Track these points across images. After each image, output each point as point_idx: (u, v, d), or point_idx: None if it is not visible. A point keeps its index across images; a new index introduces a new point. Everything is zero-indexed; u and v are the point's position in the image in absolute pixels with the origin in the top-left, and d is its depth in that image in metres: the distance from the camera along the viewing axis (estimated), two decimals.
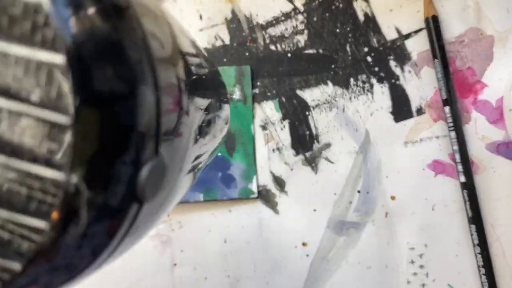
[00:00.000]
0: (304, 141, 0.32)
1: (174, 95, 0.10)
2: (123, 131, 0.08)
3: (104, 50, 0.08)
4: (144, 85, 0.09)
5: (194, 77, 0.12)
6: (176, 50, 0.11)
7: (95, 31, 0.08)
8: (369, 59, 0.32)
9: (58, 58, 0.07)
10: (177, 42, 0.11)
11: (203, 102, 0.12)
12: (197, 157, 0.13)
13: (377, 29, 0.32)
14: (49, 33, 0.07)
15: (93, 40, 0.08)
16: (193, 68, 0.12)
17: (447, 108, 0.30)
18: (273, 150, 0.32)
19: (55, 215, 0.08)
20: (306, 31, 0.32)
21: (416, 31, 0.32)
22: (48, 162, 0.08)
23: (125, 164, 0.08)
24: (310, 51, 0.32)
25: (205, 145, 0.14)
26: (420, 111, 0.31)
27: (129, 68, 0.08)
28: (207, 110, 0.13)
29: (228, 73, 0.32)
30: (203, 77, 0.12)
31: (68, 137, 0.07)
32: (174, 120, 0.10)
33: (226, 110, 0.15)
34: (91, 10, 0.08)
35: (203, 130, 0.13)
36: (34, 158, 0.08)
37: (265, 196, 0.31)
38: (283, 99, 0.32)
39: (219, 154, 0.31)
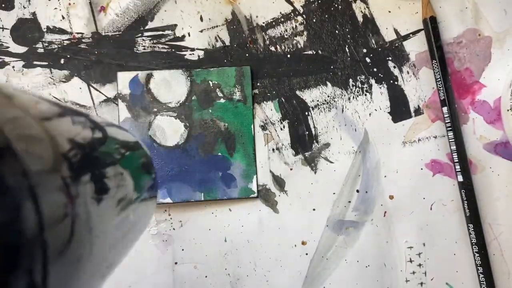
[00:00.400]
0: (303, 141, 0.32)
1: (64, 193, 0.11)
2: (12, 250, 0.09)
3: None
4: (25, 204, 0.09)
5: (76, 166, 0.12)
6: (58, 156, 0.12)
7: None
8: (367, 60, 0.32)
9: None
10: (57, 149, 0.12)
11: (86, 177, 0.13)
12: (119, 201, 0.14)
13: (375, 30, 0.32)
14: None
15: None
16: (74, 160, 0.13)
17: (445, 109, 0.30)
18: (273, 150, 0.32)
19: None
20: (305, 32, 0.32)
21: (415, 32, 0.32)
22: None
23: (20, 277, 0.09)
24: (310, 52, 0.32)
25: (115, 194, 0.15)
26: (418, 112, 0.32)
27: (9, 196, 0.09)
28: (92, 179, 0.14)
29: (228, 73, 0.32)
30: (83, 161, 0.13)
31: None
32: (61, 212, 0.11)
33: (112, 170, 0.16)
34: None
35: (100, 191, 0.14)
36: None
37: (265, 196, 0.32)
38: (283, 99, 0.32)
39: (219, 154, 0.31)
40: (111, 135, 0.17)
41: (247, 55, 0.32)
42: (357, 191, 0.31)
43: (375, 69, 0.32)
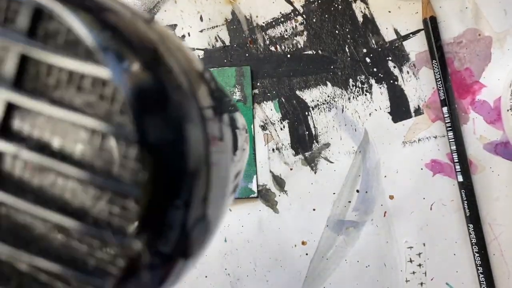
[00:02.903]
0: (303, 141, 0.32)
1: (215, 125, 0.10)
2: (175, 175, 0.08)
3: (152, 101, 0.08)
4: (191, 124, 0.09)
5: (216, 95, 0.11)
6: (198, 75, 0.11)
7: (142, 85, 0.08)
8: (368, 60, 0.32)
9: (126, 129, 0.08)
10: (193, 67, 0.11)
11: (226, 118, 0.12)
12: (236, 175, 0.13)
13: (375, 30, 0.32)
14: (117, 103, 0.08)
15: (141, 94, 0.08)
16: (212, 85, 0.11)
17: (445, 109, 0.30)
18: (273, 150, 0.32)
19: (115, 272, 0.08)
20: (305, 32, 0.32)
21: (415, 32, 0.32)
22: (110, 225, 0.08)
23: (178, 208, 0.08)
24: (310, 52, 0.32)
25: (239, 161, 0.13)
26: (418, 112, 0.32)
27: (175, 111, 0.08)
28: (231, 124, 0.12)
29: (228, 73, 0.32)
30: (217, 91, 0.12)
31: (133, 205, 0.08)
32: (219, 149, 0.10)
33: (241, 118, 0.15)
34: (135, 67, 0.08)
35: (234, 146, 0.13)
36: (95, 222, 0.08)
37: (265, 196, 0.32)
38: (283, 99, 0.32)
39: None
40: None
41: (247, 55, 0.32)
42: (357, 191, 0.31)
43: (375, 69, 0.32)
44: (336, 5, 0.32)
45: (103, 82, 0.08)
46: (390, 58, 0.32)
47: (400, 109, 0.32)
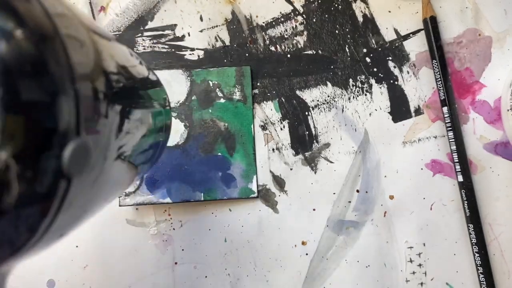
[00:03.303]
0: (303, 141, 0.32)
1: (91, 103, 0.12)
2: (46, 132, 0.10)
3: (29, 68, 0.10)
4: (63, 95, 0.11)
5: (114, 90, 0.14)
6: (98, 69, 0.13)
7: (21, 52, 0.10)
8: (368, 59, 0.32)
9: None
10: (100, 64, 0.13)
11: (118, 108, 0.15)
12: (120, 147, 0.16)
13: (376, 30, 0.32)
14: None
15: (19, 59, 0.09)
16: (114, 84, 0.14)
17: (445, 109, 0.30)
18: (273, 150, 0.32)
19: None
20: (305, 32, 0.32)
21: (415, 32, 0.32)
22: None
23: (49, 157, 0.10)
24: (310, 52, 0.32)
25: (123, 138, 0.16)
26: (418, 111, 0.32)
27: (50, 82, 0.10)
28: (120, 113, 0.15)
29: (228, 73, 0.32)
30: (122, 91, 0.15)
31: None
32: (92, 122, 0.12)
33: (141, 114, 0.18)
34: (18, 34, 0.10)
35: (119, 128, 0.15)
36: None
37: (265, 196, 0.32)
38: (283, 99, 0.32)
39: (219, 154, 0.31)
40: (163, 86, 0.19)
41: (247, 55, 0.32)
42: (357, 191, 0.31)
43: (375, 69, 0.32)
44: (336, 5, 0.32)
45: None
46: (390, 58, 0.32)
47: (400, 109, 0.32)
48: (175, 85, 0.32)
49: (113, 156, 0.15)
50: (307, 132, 0.32)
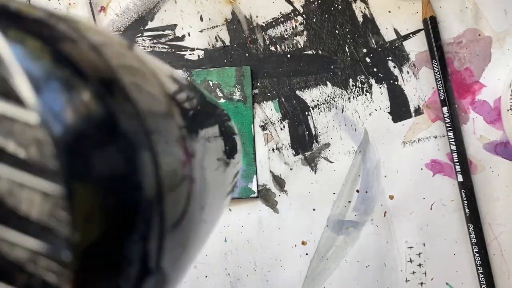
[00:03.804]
0: (303, 141, 0.32)
1: (181, 146, 0.09)
2: (128, 209, 0.08)
3: (100, 133, 0.07)
4: (143, 153, 0.08)
5: (191, 114, 0.11)
6: (169, 98, 0.10)
7: (90, 117, 0.07)
8: (368, 60, 0.32)
9: (54, 186, 0.07)
10: (165, 89, 0.10)
11: (212, 131, 0.11)
12: (235, 175, 0.13)
13: (375, 30, 0.32)
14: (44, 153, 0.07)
15: (88, 127, 0.07)
16: (186, 105, 0.11)
17: (445, 109, 0.30)
18: (273, 150, 0.32)
19: None
20: (305, 32, 0.32)
21: (415, 32, 0.32)
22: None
23: (135, 242, 0.08)
24: (310, 52, 0.32)
25: (238, 163, 0.13)
26: (418, 111, 0.32)
27: (126, 143, 0.08)
28: (222, 134, 0.12)
29: (228, 73, 0.32)
30: (198, 108, 0.12)
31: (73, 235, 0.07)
32: (180, 173, 0.09)
33: (233, 126, 0.15)
34: (85, 96, 0.07)
35: (230, 152, 0.12)
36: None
37: (265, 196, 0.32)
38: (283, 99, 0.32)
39: None
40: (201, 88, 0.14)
41: (247, 55, 0.32)
42: (357, 191, 0.31)
43: (375, 69, 0.32)
44: (336, 5, 0.32)
45: (31, 127, 0.07)
46: (390, 58, 0.32)
47: (400, 109, 0.32)
48: None
49: (226, 191, 0.12)
50: (307, 132, 0.32)
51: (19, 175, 0.07)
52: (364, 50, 0.32)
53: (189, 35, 0.32)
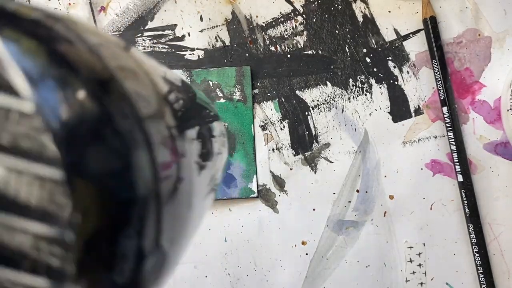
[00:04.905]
0: (303, 141, 0.32)
1: (170, 147, 0.10)
2: (123, 205, 0.08)
3: (95, 131, 0.08)
4: (138, 151, 0.08)
5: (180, 115, 0.11)
6: (161, 98, 0.10)
7: (85, 115, 0.08)
8: (368, 59, 0.32)
9: (53, 172, 0.07)
10: (158, 90, 0.10)
11: (192, 133, 0.12)
12: (211, 178, 0.13)
13: (375, 30, 0.32)
14: (43, 139, 0.07)
15: (83, 124, 0.08)
16: (176, 106, 0.11)
17: (445, 109, 0.30)
18: (273, 150, 0.32)
19: None
20: (305, 32, 0.32)
21: (415, 32, 0.32)
22: (49, 269, 0.08)
23: (129, 237, 0.08)
24: (310, 52, 0.32)
25: (214, 165, 0.13)
26: (418, 111, 0.32)
27: (121, 140, 0.08)
28: (199, 136, 0.12)
29: (228, 73, 0.32)
30: (186, 109, 0.12)
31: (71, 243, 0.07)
32: (174, 173, 0.10)
33: (218, 125, 0.15)
34: (81, 94, 0.08)
35: (206, 155, 0.12)
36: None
37: (265, 196, 0.32)
38: (283, 99, 0.32)
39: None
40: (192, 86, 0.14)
41: (247, 55, 0.32)
42: (357, 191, 0.31)
43: (375, 69, 0.32)
44: (336, 5, 0.32)
45: (27, 116, 0.07)
46: (390, 58, 0.32)
47: (400, 109, 0.32)
48: None
49: (204, 192, 0.12)
50: (307, 132, 0.32)
51: (16, 162, 0.07)
52: (364, 50, 0.32)
53: (189, 35, 0.33)
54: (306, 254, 0.31)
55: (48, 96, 0.07)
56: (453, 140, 0.30)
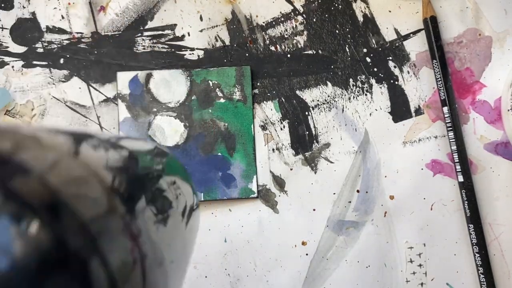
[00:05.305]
0: (303, 141, 0.32)
1: (127, 235, 0.10)
2: None
3: (50, 261, 0.08)
4: (92, 262, 0.08)
5: (126, 197, 0.11)
6: (108, 192, 0.10)
7: (39, 246, 0.07)
8: (368, 59, 0.32)
9: None
10: (105, 184, 0.10)
11: (142, 203, 0.12)
12: (183, 211, 0.13)
13: (376, 30, 0.32)
14: None
15: (38, 257, 0.07)
16: (122, 190, 0.11)
17: (445, 108, 0.30)
18: (273, 150, 0.32)
19: None
20: (305, 32, 0.32)
21: (415, 32, 0.32)
22: None
23: None
24: (310, 51, 0.32)
25: (178, 206, 0.13)
26: (418, 111, 0.31)
27: (75, 262, 0.08)
28: (150, 201, 0.12)
29: (228, 73, 0.32)
30: (130, 187, 0.12)
31: None
32: (137, 255, 0.10)
33: (167, 178, 0.14)
34: (33, 227, 0.07)
35: (163, 209, 0.12)
36: None
37: (265, 196, 0.32)
38: (283, 99, 0.32)
39: (219, 154, 0.31)
40: (133, 149, 0.14)
41: (247, 55, 0.32)
42: (357, 191, 0.31)
43: (375, 69, 0.32)
44: (336, 5, 0.32)
45: None
46: (390, 58, 0.32)
47: (400, 109, 0.32)
48: (174, 85, 0.32)
49: (180, 236, 0.12)
50: (307, 132, 0.32)
51: None
52: (365, 50, 0.32)
53: (189, 35, 0.32)
54: (306, 254, 0.31)
55: (1, 236, 0.07)
56: (453, 140, 0.30)
